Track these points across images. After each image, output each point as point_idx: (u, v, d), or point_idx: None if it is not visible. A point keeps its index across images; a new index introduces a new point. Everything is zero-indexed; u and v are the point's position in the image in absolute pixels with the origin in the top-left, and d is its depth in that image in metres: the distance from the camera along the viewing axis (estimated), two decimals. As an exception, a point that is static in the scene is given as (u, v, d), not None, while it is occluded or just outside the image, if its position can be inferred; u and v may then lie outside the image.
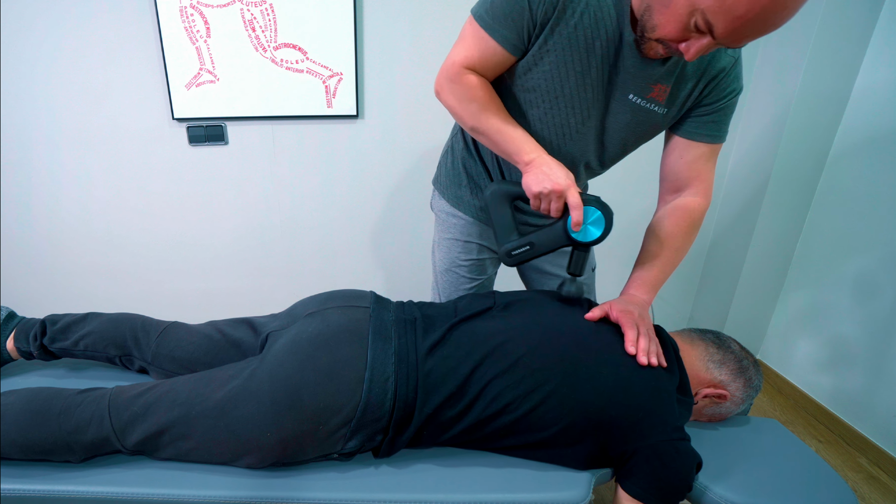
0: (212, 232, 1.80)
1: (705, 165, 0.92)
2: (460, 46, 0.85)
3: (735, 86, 0.85)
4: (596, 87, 0.84)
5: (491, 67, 0.85)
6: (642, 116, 0.87)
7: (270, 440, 0.75)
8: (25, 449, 0.77)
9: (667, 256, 0.93)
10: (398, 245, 1.87)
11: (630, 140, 0.92)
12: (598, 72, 0.82)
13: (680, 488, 0.76)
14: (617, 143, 0.92)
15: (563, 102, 0.86)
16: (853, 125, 1.54)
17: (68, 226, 1.75)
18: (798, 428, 1.64)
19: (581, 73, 0.82)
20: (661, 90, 0.83)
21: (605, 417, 0.76)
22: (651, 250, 0.94)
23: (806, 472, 0.87)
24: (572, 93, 0.84)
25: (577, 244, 0.84)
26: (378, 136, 1.69)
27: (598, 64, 0.81)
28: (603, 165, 0.98)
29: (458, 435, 0.80)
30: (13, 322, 1.02)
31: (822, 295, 1.66)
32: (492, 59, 0.83)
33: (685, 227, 0.93)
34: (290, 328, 0.85)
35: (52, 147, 1.63)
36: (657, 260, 0.93)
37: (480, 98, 0.85)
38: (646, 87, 0.83)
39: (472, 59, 0.84)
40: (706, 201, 0.94)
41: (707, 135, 0.89)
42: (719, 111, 0.87)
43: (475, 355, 0.79)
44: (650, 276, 0.93)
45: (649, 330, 0.86)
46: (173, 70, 1.53)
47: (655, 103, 0.85)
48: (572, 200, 0.78)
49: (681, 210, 0.93)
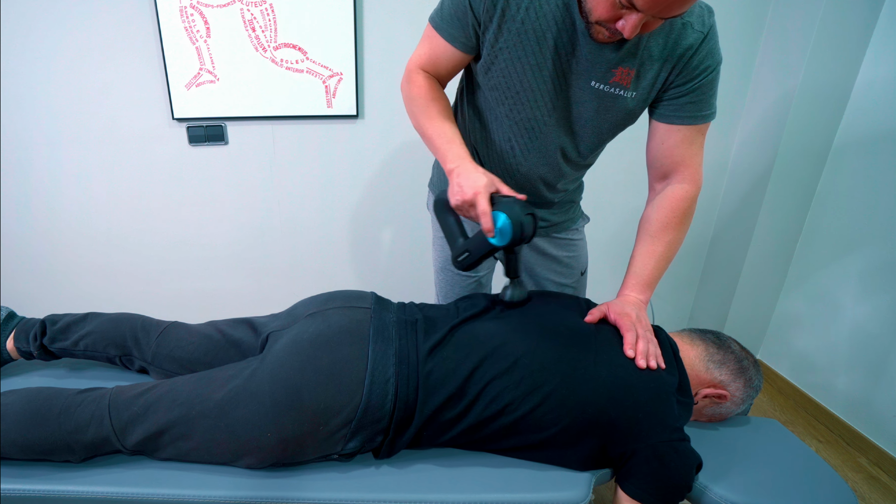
0: (212, 232, 1.80)
1: (689, 149, 0.89)
2: (417, 48, 0.92)
3: (709, 62, 0.81)
4: (555, 78, 0.84)
5: (443, 66, 0.90)
6: (609, 102, 0.85)
7: (271, 440, 0.75)
8: (25, 449, 0.77)
9: (660, 252, 0.91)
10: (398, 245, 1.87)
11: (604, 128, 0.90)
12: (554, 63, 0.82)
13: (680, 488, 0.76)
14: (589, 131, 0.91)
15: (525, 97, 0.87)
16: (854, 122, 1.54)
17: (68, 226, 1.75)
18: (798, 428, 1.64)
19: (536, 66, 0.83)
20: (623, 73, 0.82)
21: (604, 418, 0.76)
22: (644, 247, 0.93)
23: (806, 472, 0.87)
24: (532, 87, 0.85)
25: (496, 248, 0.81)
26: (378, 136, 1.68)
27: (553, 55, 0.81)
28: (582, 156, 0.97)
29: (458, 436, 0.80)
30: (13, 322, 1.02)
31: (823, 295, 1.66)
32: (443, 58, 0.89)
33: (677, 219, 0.91)
34: (291, 328, 0.85)
35: (51, 147, 1.63)
36: (651, 257, 0.92)
37: (423, 99, 0.89)
38: (607, 73, 0.82)
39: (424, 57, 0.91)
40: (694, 187, 0.91)
41: (687, 116, 0.86)
42: (695, 90, 0.83)
43: (474, 356, 0.79)
44: (645, 273, 0.92)
45: (647, 331, 0.85)
46: (173, 70, 1.53)
47: (620, 87, 0.83)
48: (479, 208, 0.76)
49: (669, 200, 0.91)
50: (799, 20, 1.50)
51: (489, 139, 0.98)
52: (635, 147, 0.95)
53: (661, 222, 0.91)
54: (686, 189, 0.91)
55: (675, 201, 0.90)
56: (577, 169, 1.01)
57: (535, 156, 0.94)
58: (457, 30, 0.85)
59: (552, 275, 1.15)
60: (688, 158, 0.89)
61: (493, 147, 0.98)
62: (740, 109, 1.74)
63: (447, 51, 0.88)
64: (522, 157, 0.95)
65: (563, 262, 1.14)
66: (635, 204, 1.68)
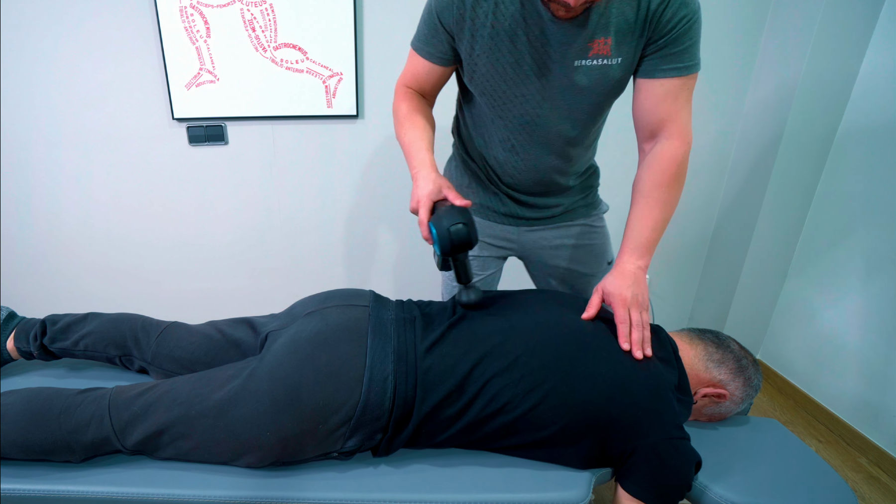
0: (212, 232, 1.80)
1: (675, 103, 0.86)
2: (403, 70, 1.00)
3: (684, 12, 0.80)
4: (536, 70, 0.86)
5: (426, 82, 0.98)
6: (596, 74, 0.85)
7: (270, 440, 0.75)
8: (25, 449, 0.78)
9: (655, 214, 0.89)
10: (398, 245, 1.87)
11: (597, 101, 0.90)
12: (532, 56, 0.84)
13: (679, 487, 0.76)
14: (584, 108, 0.91)
15: (513, 94, 0.89)
16: (857, 115, 1.53)
17: (68, 226, 1.75)
18: (798, 428, 1.64)
19: (515, 63, 0.85)
20: (601, 44, 0.83)
21: (604, 416, 0.76)
22: (638, 210, 0.91)
23: (806, 472, 0.87)
24: (516, 84, 0.88)
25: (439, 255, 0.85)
26: (378, 136, 1.69)
27: (529, 49, 0.84)
28: (584, 134, 0.96)
29: (457, 434, 0.80)
30: (13, 322, 1.02)
31: (823, 294, 1.66)
32: (424, 75, 0.96)
33: (668, 178, 0.88)
34: (290, 327, 0.85)
35: (52, 147, 1.63)
36: (646, 220, 0.89)
37: (401, 112, 0.97)
38: (584, 48, 0.83)
39: (408, 77, 0.99)
40: (683, 143, 0.88)
41: (669, 69, 0.84)
42: (673, 41, 0.82)
43: (474, 354, 0.79)
44: (641, 238, 0.89)
45: (642, 311, 0.85)
46: (173, 70, 1.53)
47: (602, 57, 0.84)
48: (419, 218, 0.83)
49: (659, 160, 0.89)
50: (802, 7, 1.50)
51: (490, 144, 0.99)
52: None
53: (653, 182, 0.89)
54: (675, 146, 0.88)
55: (665, 160, 0.88)
56: (584, 150, 1.01)
57: (537, 149, 0.96)
58: (433, 47, 0.91)
59: (574, 264, 1.13)
60: (674, 113, 0.87)
61: (495, 150, 0.99)
62: (741, 103, 1.73)
63: (426, 68, 0.95)
64: (525, 154, 0.97)
65: (584, 248, 1.12)
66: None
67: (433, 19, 0.88)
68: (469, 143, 1.06)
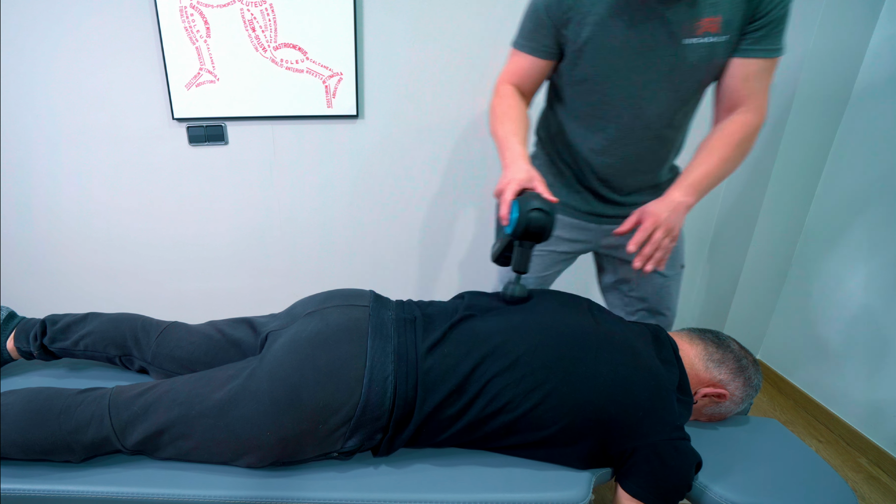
0: (212, 232, 1.80)
1: (759, 83, 0.91)
2: (503, 70, 1.04)
3: None
4: (644, 51, 0.89)
5: (527, 76, 1.01)
6: (704, 52, 0.88)
7: (270, 439, 0.75)
8: (25, 449, 0.78)
9: (712, 162, 0.93)
10: (398, 245, 1.87)
11: (704, 79, 0.93)
12: (639, 38, 0.88)
13: (679, 487, 0.76)
14: (689, 88, 0.94)
15: (617, 77, 0.92)
16: (856, 120, 1.54)
17: (68, 226, 1.75)
18: (798, 428, 1.64)
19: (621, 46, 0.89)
20: (709, 23, 0.86)
21: (604, 416, 0.76)
22: (697, 158, 0.94)
23: (806, 472, 0.87)
24: (622, 66, 0.91)
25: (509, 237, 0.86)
26: (378, 136, 1.69)
27: (636, 32, 0.87)
28: (685, 117, 0.99)
29: (457, 434, 0.80)
30: (13, 322, 1.02)
31: (823, 295, 1.66)
32: (525, 69, 1.00)
33: (735, 140, 0.92)
34: (290, 327, 0.85)
35: (52, 147, 1.63)
36: (703, 166, 0.93)
37: (499, 108, 1.00)
38: (693, 27, 0.86)
39: (509, 74, 1.03)
40: (758, 117, 0.93)
41: (762, 50, 0.88)
42: (771, 22, 0.85)
43: (475, 354, 0.79)
44: (693, 176, 0.93)
45: (667, 235, 0.88)
46: (173, 70, 1.53)
47: (710, 35, 0.87)
48: (503, 196, 0.84)
49: (730, 123, 0.93)
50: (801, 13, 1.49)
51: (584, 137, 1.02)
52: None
53: (719, 140, 0.93)
54: (749, 117, 0.92)
55: (736, 124, 0.92)
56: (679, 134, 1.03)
57: (636, 134, 0.98)
58: (536, 41, 0.95)
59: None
60: (756, 92, 0.91)
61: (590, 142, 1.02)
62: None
63: (529, 63, 0.99)
64: (622, 142, 0.99)
65: None
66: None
67: (538, 14, 0.92)
68: (559, 141, 1.09)
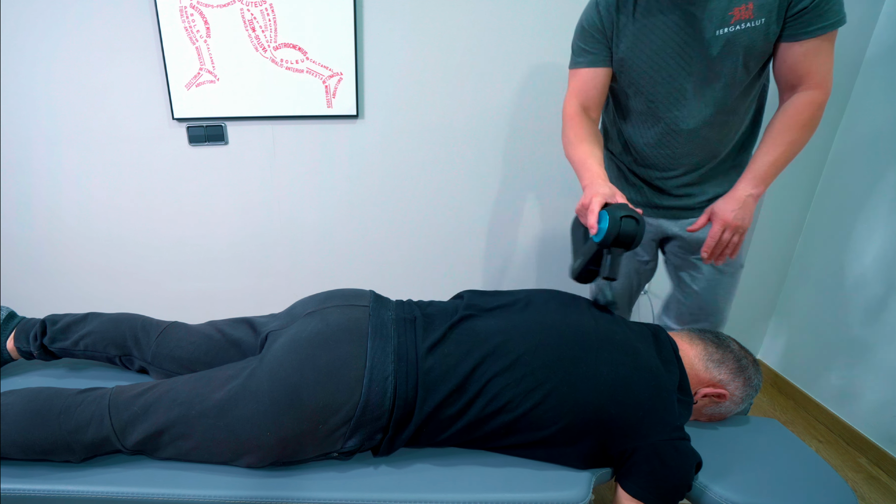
0: (212, 232, 1.80)
1: (816, 59, 0.90)
2: (567, 93, 1.09)
3: None
4: (684, 43, 0.93)
5: (591, 87, 1.05)
6: (741, 38, 0.90)
7: (270, 439, 0.75)
8: (26, 449, 0.78)
9: (780, 150, 0.94)
10: (398, 245, 1.87)
11: (745, 63, 0.94)
12: (680, 31, 0.92)
13: (679, 487, 0.76)
14: (731, 73, 0.95)
15: (661, 72, 0.97)
16: (856, 122, 1.54)
17: (68, 226, 1.75)
18: (798, 428, 1.64)
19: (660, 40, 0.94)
20: (741, 10, 0.88)
21: (604, 416, 0.76)
22: (764, 146, 0.96)
23: (806, 472, 0.87)
24: (663, 60, 0.96)
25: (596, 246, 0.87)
26: (378, 136, 1.68)
27: (671, 25, 0.92)
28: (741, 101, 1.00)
29: (457, 433, 0.80)
30: (13, 322, 1.02)
31: (822, 294, 1.66)
32: (588, 81, 1.05)
33: (801, 121, 0.93)
34: (290, 328, 0.85)
35: (52, 147, 1.63)
36: (769, 154, 0.95)
37: (571, 135, 1.03)
38: (725, 17, 0.89)
39: (573, 91, 1.07)
40: (822, 92, 0.92)
41: (812, 30, 0.87)
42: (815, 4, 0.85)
43: (475, 354, 0.79)
44: (761, 168, 0.95)
45: (738, 232, 0.94)
46: (173, 70, 1.53)
47: (744, 22, 0.89)
48: (590, 208, 0.85)
49: (795, 105, 0.93)
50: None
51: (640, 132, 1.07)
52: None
53: (784, 124, 0.95)
54: (812, 95, 0.92)
55: (801, 105, 0.93)
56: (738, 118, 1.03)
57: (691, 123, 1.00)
58: (590, 53, 1.02)
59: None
60: (815, 67, 0.91)
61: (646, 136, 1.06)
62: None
63: (590, 75, 1.04)
64: (674, 136, 1.03)
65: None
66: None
67: (584, 31, 1.01)
68: (614, 137, 1.13)
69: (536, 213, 1.80)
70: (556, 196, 1.76)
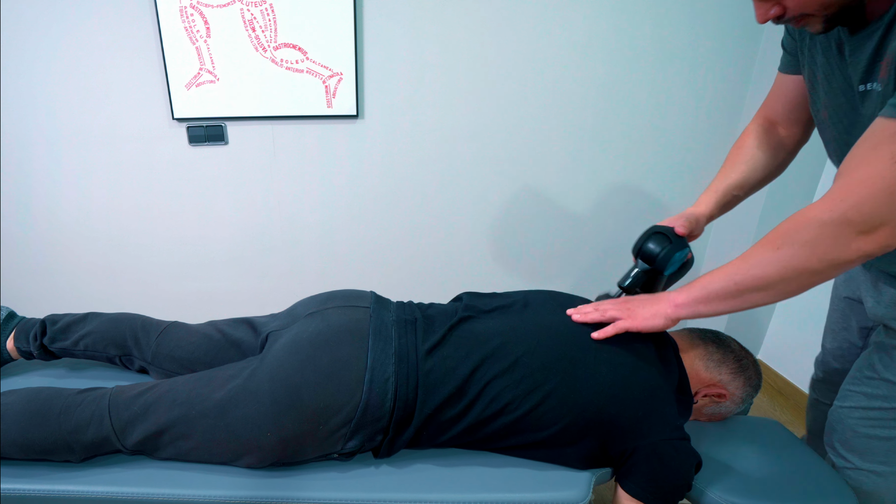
0: (212, 232, 1.80)
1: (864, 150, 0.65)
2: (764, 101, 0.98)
3: None
4: (826, 90, 0.74)
5: (788, 100, 0.93)
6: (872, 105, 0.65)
7: (270, 440, 0.75)
8: (25, 449, 0.78)
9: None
10: (398, 245, 1.87)
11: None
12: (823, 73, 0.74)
13: (679, 487, 0.76)
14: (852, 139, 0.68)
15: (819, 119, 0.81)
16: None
17: (68, 226, 1.75)
18: (798, 428, 1.64)
19: (809, 81, 0.80)
20: (886, 66, 0.62)
21: (604, 416, 0.76)
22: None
23: (806, 472, 0.87)
24: (813, 103, 0.81)
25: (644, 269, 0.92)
26: (378, 136, 1.68)
27: (821, 66, 0.73)
28: None
29: (458, 435, 0.80)
30: (13, 322, 1.02)
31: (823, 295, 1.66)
32: (788, 90, 0.92)
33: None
34: (291, 328, 0.85)
35: (51, 147, 1.63)
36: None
37: (730, 153, 0.99)
38: (872, 70, 0.64)
39: (769, 101, 0.96)
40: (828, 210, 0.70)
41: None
42: None
43: (475, 356, 0.79)
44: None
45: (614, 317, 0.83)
46: (173, 70, 1.53)
47: (883, 82, 0.63)
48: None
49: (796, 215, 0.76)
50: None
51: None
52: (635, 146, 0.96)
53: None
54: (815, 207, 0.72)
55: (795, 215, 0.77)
56: None
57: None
58: (791, 61, 0.88)
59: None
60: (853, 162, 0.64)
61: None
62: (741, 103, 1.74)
63: (789, 82, 0.92)
64: None
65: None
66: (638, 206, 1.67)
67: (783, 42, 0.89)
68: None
69: (536, 214, 1.81)
70: (557, 196, 1.77)
